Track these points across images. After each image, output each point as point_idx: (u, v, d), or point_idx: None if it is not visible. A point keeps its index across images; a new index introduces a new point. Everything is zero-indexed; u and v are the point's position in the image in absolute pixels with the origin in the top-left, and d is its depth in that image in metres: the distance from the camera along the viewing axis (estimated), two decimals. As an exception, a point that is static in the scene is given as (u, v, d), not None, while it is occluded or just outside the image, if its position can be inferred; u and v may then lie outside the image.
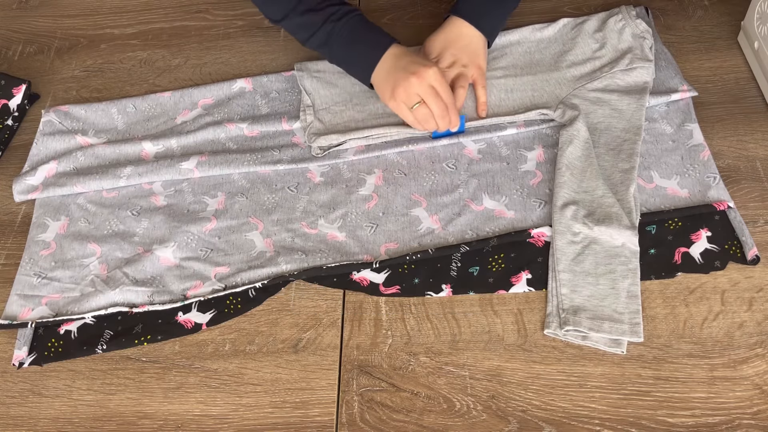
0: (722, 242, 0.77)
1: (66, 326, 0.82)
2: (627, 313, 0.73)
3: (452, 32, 0.91)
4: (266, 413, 0.74)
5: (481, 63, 0.91)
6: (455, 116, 0.86)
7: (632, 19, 0.94)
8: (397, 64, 0.85)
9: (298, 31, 0.92)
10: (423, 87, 0.82)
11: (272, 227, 0.87)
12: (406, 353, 0.76)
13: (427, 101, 0.83)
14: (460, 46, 0.91)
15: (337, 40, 0.88)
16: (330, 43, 0.89)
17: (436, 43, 0.92)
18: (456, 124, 0.86)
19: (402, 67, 0.84)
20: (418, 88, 0.82)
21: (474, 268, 0.79)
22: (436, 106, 0.83)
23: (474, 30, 0.90)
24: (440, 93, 0.83)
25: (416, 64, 0.83)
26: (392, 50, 0.86)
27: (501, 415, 0.70)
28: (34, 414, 0.77)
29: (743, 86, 0.90)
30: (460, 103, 0.90)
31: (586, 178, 0.82)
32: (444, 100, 0.83)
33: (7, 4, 1.22)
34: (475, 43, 0.91)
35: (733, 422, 0.67)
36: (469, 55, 0.91)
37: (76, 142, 0.99)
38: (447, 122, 0.85)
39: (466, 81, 0.90)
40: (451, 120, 0.85)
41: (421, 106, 0.83)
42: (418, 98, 0.83)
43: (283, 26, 0.93)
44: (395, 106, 0.85)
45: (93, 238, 0.89)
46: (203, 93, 1.01)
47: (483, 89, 0.91)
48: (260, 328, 0.80)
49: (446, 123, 0.85)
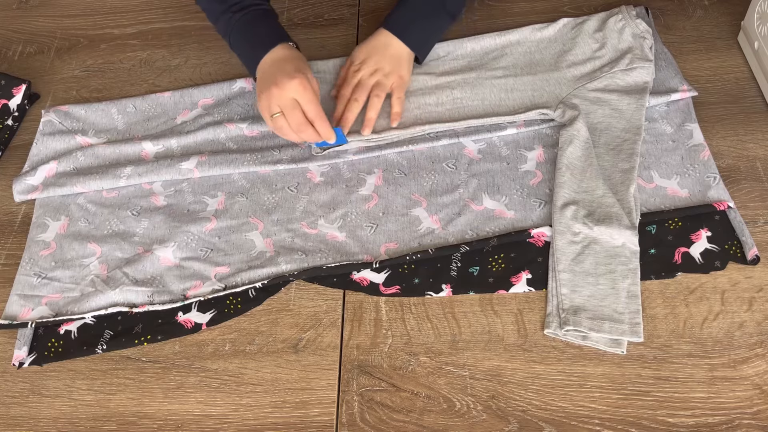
0: (722, 242, 0.77)
1: (66, 326, 0.82)
2: (627, 313, 0.73)
3: (380, 42, 0.92)
4: (266, 413, 0.74)
5: (403, 73, 0.91)
6: (324, 129, 0.84)
7: (632, 19, 0.94)
8: (270, 68, 0.85)
9: (207, 17, 0.95)
10: (283, 99, 0.82)
11: (272, 227, 0.87)
12: (406, 353, 0.76)
13: (285, 113, 0.82)
14: (384, 55, 0.91)
15: (234, 33, 0.90)
16: (228, 33, 0.91)
17: (363, 49, 0.93)
18: (327, 136, 0.84)
19: (271, 73, 0.84)
20: (278, 100, 0.82)
21: (474, 268, 0.79)
22: (293, 119, 0.82)
23: (400, 43, 0.91)
24: (302, 106, 0.82)
25: (282, 74, 0.82)
26: (275, 52, 0.86)
27: (501, 415, 0.70)
28: (34, 414, 0.77)
29: (743, 86, 0.90)
30: (373, 111, 0.89)
31: (586, 178, 0.82)
32: (308, 113, 0.83)
33: (7, 4, 1.22)
34: (401, 54, 0.91)
35: (733, 422, 0.67)
36: (391, 63, 0.91)
37: (76, 142, 0.99)
38: (308, 135, 0.84)
39: (383, 90, 0.90)
40: (318, 132, 0.84)
41: (279, 117, 0.83)
42: (277, 108, 0.82)
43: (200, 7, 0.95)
44: (260, 111, 0.85)
45: (93, 238, 0.89)
46: (203, 93, 1.01)
47: (399, 100, 0.91)
48: (260, 328, 0.80)
49: (307, 136, 0.84)
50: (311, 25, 1.09)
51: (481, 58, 0.97)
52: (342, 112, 0.90)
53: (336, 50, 1.04)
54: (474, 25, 1.02)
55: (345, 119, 0.89)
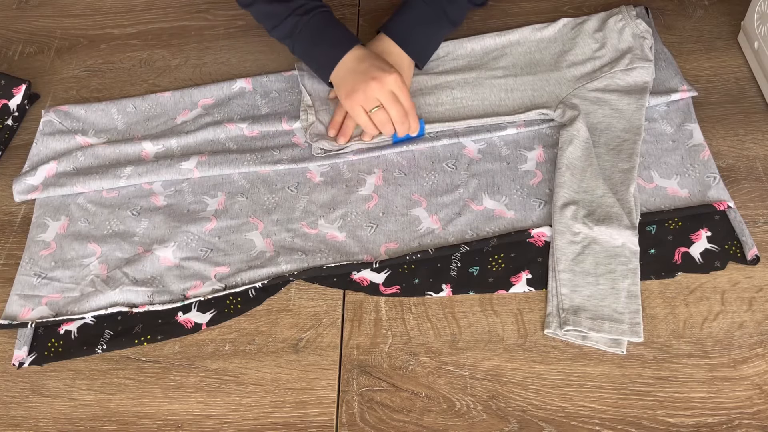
0: (722, 242, 0.77)
1: (66, 326, 0.82)
2: (627, 313, 0.73)
3: (380, 48, 0.91)
4: (266, 413, 0.74)
5: (404, 79, 0.91)
6: (414, 121, 0.86)
7: (632, 19, 0.94)
8: (357, 66, 0.85)
9: (263, 20, 0.92)
10: (383, 92, 0.83)
11: (272, 227, 0.87)
12: (406, 353, 0.76)
13: (386, 106, 0.83)
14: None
15: (301, 35, 0.89)
16: (293, 36, 0.90)
17: None
18: (416, 129, 0.87)
19: (362, 70, 0.84)
20: (378, 93, 0.83)
21: (474, 268, 0.79)
22: (396, 111, 0.83)
23: (401, 50, 0.91)
24: (400, 98, 0.83)
25: (377, 69, 0.83)
26: (354, 51, 0.86)
27: (501, 415, 0.70)
28: (34, 414, 0.77)
29: (743, 86, 0.90)
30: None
31: (586, 178, 0.82)
32: (404, 105, 0.84)
33: (7, 4, 1.22)
34: (401, 62, 0.91)
35: (733, 422, 0.67)
36: None
37: (76, 142, 0.99)
38: (406, 127, 0.86)
39: None
40: (410, 125, 0.86)
41: (380, 111, 0.84)
42: (377, 102, 0.83)
43: (250, 12, 0.94)
44: (351, 108, 0.85)
45: (93, 238, 0.89)
46: (203, 93, 1.01)
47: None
48: (260, 328, 0.80)
49: (405, 128, 0.86)
50: (311, 25, 1.09)
51: (481, 58, 0.97)
52: (341, 118, 0.90)
53: (336, 50, 1.04)
54: (474, 25, 1.02)
55: (345, 127, 0.89)
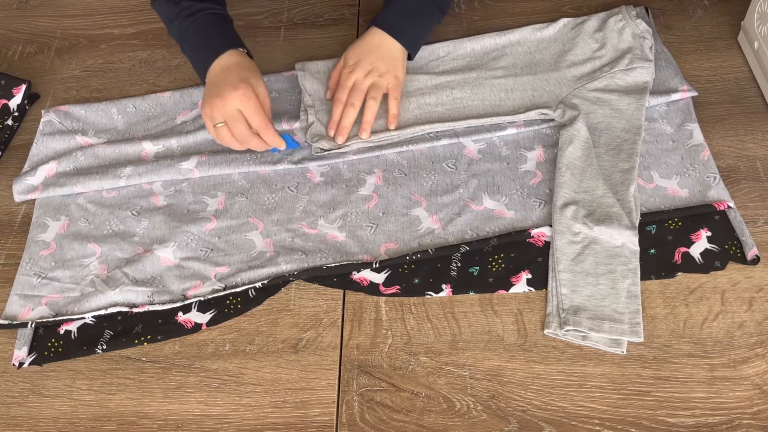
0: (722, 242, 0.77)
1: (66, 326, 0.82)
2: (627, 313, 0.73)
3: (372, 41, 0.91)
4: (266, 413, 0.74)
5: (398, 74, 0.91)
6: (271, 137, 0.84)
7: (632, 19, 0.94)
8: (217, 77, 0.84)
9: (162, 20, 0.93)
10: (226, 110, 0.82)
11: (272, 227, 0.87)
12: (406, 353, 0.76)
13: (228, 124, 0.82)
14: (378, 55, 0.90)
15: (186, 38, 0.89)
16: (181, 37, 0.90)
17: (355, 50, 0.92)
18: (276, 144, 0.85)
19: (217, 83, 0.83)
20: (221, 111, 0.82)
21: (474, 268, 0.79)
22: (236, 130, 0.82)
23: (394, 41, 0.90)
24: (247, 116, 0.82)
25: (227, 85, 0.82)
26: (223, 58, 0.86)
27: (501, 415, 0.70)
28: (34, 414, 0.77)
29: (743, 86, 0.90)
30: (370, 114, 0.89)
31: (586, 178, 0.82)
32: (252, 123, 0.82)
33: (7, 4, 1.22)
34: (395, 54, 0.91)
35: (733, 422, 0.67)
36: (386, 63, 0.90)
37: (76, 142, 0.99)
38: (254, 145, 0.84)
39: (380, 92, 0.90)
40: (265, 141, 0.84)
41: (223, 127, 0.83)
42: (221, 119, 0.82)
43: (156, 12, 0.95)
44: (203, 117, 0.85)
45: (93, 238, 0.89)
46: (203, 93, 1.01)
47: (395, 101, 0.90)
48: (260, 328, 0.80)
49: (252, 145, 0.84)
50: (311, 25, 1.09)
51: (481, 58, 0.97)
52: (339, 117, 0.90)
53: (336, 50, 1.03)
54: (474, 25, 1.02)
55: (342, 125, 0.89)
